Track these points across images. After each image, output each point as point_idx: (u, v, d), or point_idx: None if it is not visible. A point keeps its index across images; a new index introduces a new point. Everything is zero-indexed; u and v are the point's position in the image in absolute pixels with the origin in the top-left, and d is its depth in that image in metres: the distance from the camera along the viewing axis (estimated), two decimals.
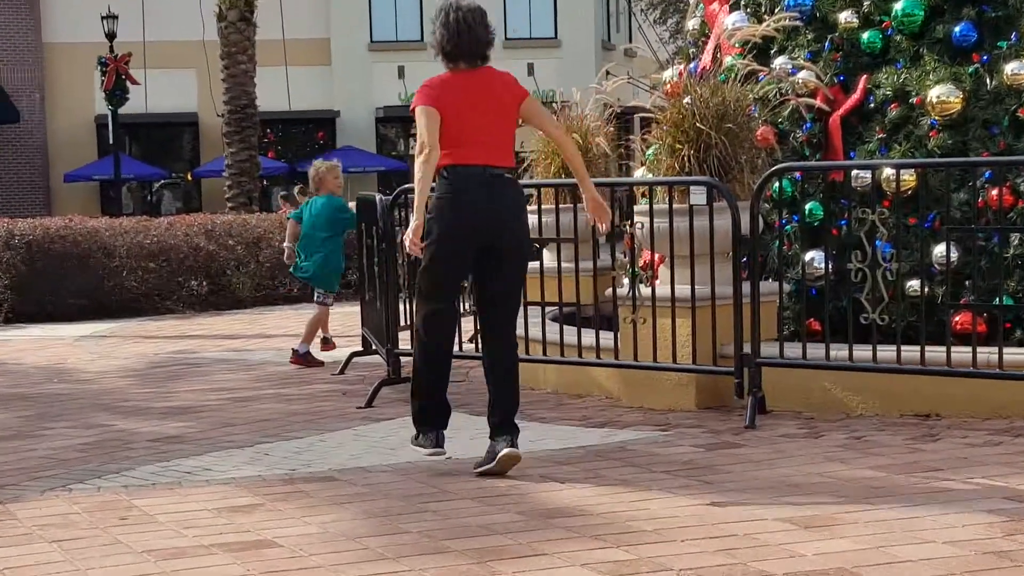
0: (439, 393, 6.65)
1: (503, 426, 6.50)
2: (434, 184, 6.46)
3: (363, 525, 5.57)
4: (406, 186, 9.58)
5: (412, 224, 6.48)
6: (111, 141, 34.29)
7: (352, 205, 11.34)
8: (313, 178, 11.66)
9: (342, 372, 10.55)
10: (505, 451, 6.41)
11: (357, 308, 11.20)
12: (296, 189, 23.65)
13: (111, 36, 34.17)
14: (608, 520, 5.47)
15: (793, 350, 7.80)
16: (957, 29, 8.58)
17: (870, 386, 7.71)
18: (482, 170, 6.40)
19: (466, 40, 6.45)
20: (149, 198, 40.67)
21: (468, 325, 9.39)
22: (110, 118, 34.05)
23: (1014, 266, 8.04)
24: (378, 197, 9.56)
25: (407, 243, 6.48)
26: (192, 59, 36.61)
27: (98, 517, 5.87)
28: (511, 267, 6.57)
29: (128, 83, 33.84)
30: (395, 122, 42.66)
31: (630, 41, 43.73)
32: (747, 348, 7.75)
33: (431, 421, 6.66)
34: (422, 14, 40.74)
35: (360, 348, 10.76)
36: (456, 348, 9.08)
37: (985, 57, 8.48)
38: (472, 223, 6.41)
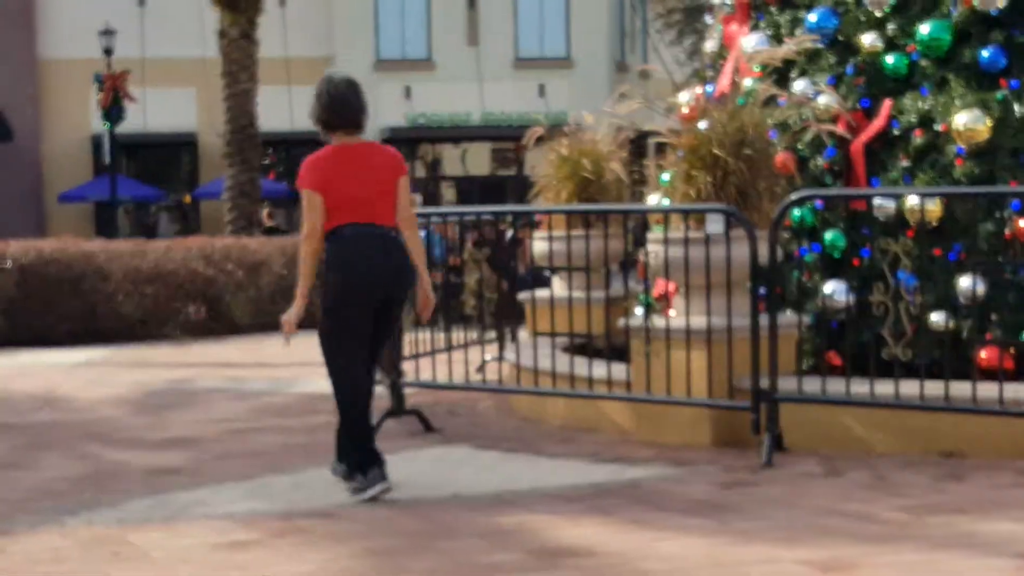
0: (370, 441, 6.93)
1: None
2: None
3: (364, 564, 5.48)
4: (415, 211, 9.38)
5: (296, 305, 7.09)
6: (107, 161, 34.13)
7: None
8: None
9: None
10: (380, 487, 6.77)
11: None
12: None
13: (108, 52, 34.03)
14: (619, 560, 5.38)
15: (812, 385, 7.62)
16: (985, 54, 8.43)
17: (892, 423, 7.55)
18: (370, 230, 6.96)
19: (339, 109, 7.13)
20: (146, 220, 40.55)
21: (475, 356, 9.23)
22: (107, 137, 33.92)
23: None
24: None
25: (284, 323, 7.09)
26: (192, 77, 36.58)
27: (90, 552, 5.79)
28: (390, 321, 7.12)
29: (125, 101, 33.73)
30: (402, 143, 42.46)
31: (645, 62, 43.73)
32: (764, 383, 7.58)
33: (369, 467, 6.84)
34: (430, 32, 40.75)
35: None
36: (463, 379, 8.94)
37: (1014, 83, 8.35)
38: (371, 277, 6.92)
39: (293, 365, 12.11)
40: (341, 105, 7.14)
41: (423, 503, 6.58)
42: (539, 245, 10.00)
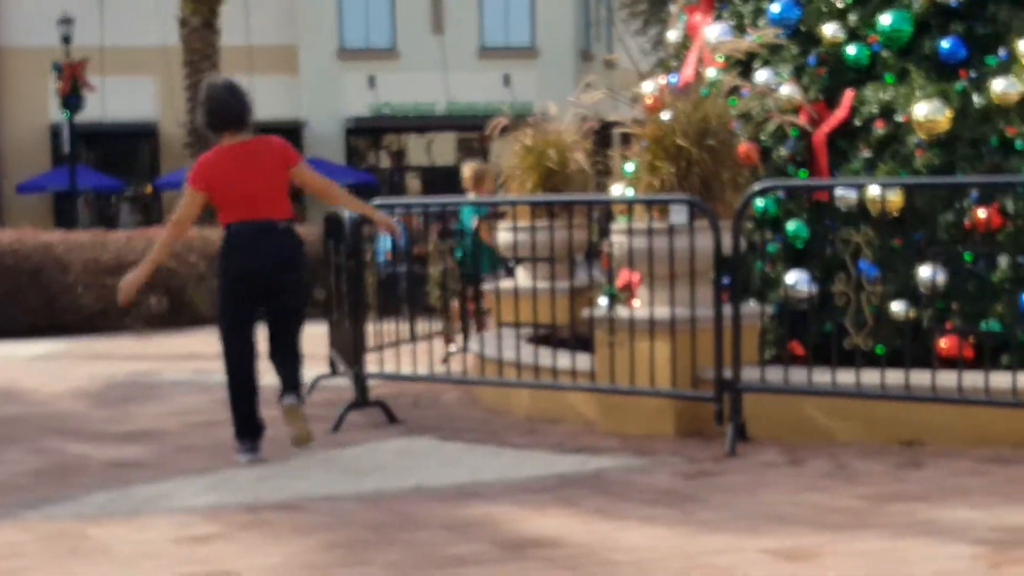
0: (250, 412, 7.70)
1: (288, 389, 7.68)
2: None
3: (328, 556, 5.44)
4: (377, 202, 9.35)
5: (138, 271, 7.73)
6: (66, 150, 33.86)
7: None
8: (472, 177, 11.57)
9: (308, 395, 10.30)
10: (287, 401, 7.63)
11: (324, 328, 10.97)
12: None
13: (67, 40, 33.74)
14: (584, 551, 5.37)
15: (775, 375, 7.65)
16: (945, 45, 8.45)
17: (854, 412, 7.57)
18: (256, 225, 7.57)
19: (219, 112, 7.70)
20: (107, 211, 40.20)
21: (439, 348, 9.21)
22: (66, 126, 33.64)
23: (1001, 289, 7.89)
24: (346, 214, 9.32)
25: (122, 292, 7.73)
26: (152, 66, 36.31)
27: (50, 547, 5.73)
28: (287, 300, 7.69)
29: (84, 90, 33.46)
30: (365, 133, 42.47)
31: (610, 51, 43.68)
32: (728, 373, 7.59)
33: (248, 435, 7.70)
34: (394, 21, 40.57)
35: (327, 370, 10.53)
36: (426, 371, 8.93)
37: (973, 74, 8.35)
38: (253, 270, 7.58)
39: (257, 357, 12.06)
40: (220, 108, 7.69)
41: (387, 495, 6.55)
42: (503, 235, 9.99)
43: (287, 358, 7.73)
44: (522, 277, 9.73)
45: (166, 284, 17.85)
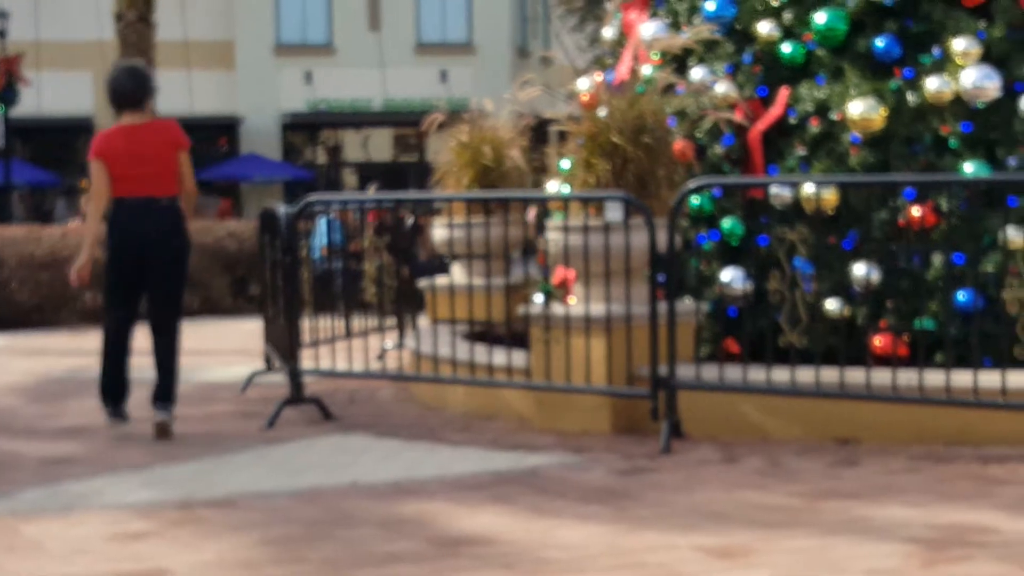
0: (115, 373, 8.33)
1: (161, 399, 8.22)
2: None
3: (262, 552, 5.42)
4: (313, 198, 9.31)
5: (84, 253, 8.34)
6: (0, 145, 33.54)
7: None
8: None
9: (243, 391, 10.27)
10: (159, 417, 8.16)
11: (260, 324, 10.92)
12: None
13: (2, 35, 33.42)
14: (518, 548, 5.37)
15: (710, 372, 7.67)
16: (879, 43, 8.49)
17: (789, 410, 7.61)
18: (139, 200, 8.17)
19: (117, 92, 8.36)
20: (42, 206, 39.82)
21: (375, 343, 9.18)
22: (0, 120, 33.33)
23: (935, 287, 7.94)
24: (281, 209, 9.27)
25: (72, 273, 8.35)
26: (88, 60, 36.01)
27: None
28: (167, 276, 8.28)
29: (19, 84, 33.14)
30: (302, 129, 42.32)
31: (547, 48, 43.71)
32: (663, 370, 7.60)
33: (110, 395, 8.33)
34: (331, 16, 40.47)
35: (263, 366, 10.47)
36: (362, 368, 8.91)
37: (908, 73, 8.40)
38: (130, 241, 8.19)
39: (192, 354, 11.95)
40: (119, 89, 8.34)
41: (322, 491, 6.53)
42: (439, 232, 9.97)
43: (165, 361, 8.29)
44: (458, 274, 9.71)
45: (100, 280, 17.66)
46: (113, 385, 8.35)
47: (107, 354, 8.33)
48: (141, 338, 8.39)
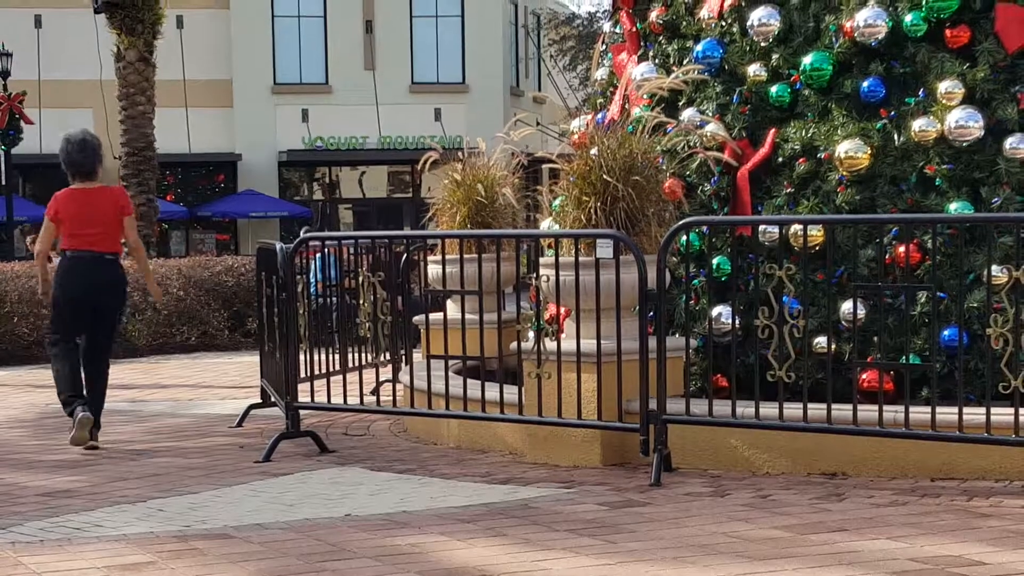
0: (70, 390, 9.43)
1: (89, 404, 9.36)
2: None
3: None
4: (308, 234, 9.43)
5: (41, 289, 9.84)
6: (3, 182, 33.62)
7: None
8: None
9: (240, 424, 10.33)
10: (81, 414, 9.22)
11: (257, 358, 10.99)
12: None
13: (5, 74, 33.53)
14: None
15: (699, 407, 7.74)
16: (865, 84, 8.61)
17: (777, 444, 7.67)
18: (84, 253, 9.48)
19: (69, 163, 9.68)
20: None
21: (369, 376, 9.26)
22: (2, 158, 33.38)
23: (920, 324, 8.04)
24: (278, 246, 9.38)
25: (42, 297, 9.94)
26: (89, 99, 36.17)
27: None
28: (105, 320, 9.61)
29: (22, 123, 33.27)
30: (299, 166, 42.43)
31: (540, 88, 43.90)
32: (653, 404, 7.66)
33: (72, 403, 9.38)
34: (327, 56, 40.65)
35: (259, 400, 10.54)
36: (358, 402, 8.98)
37: (893, 113, 8.52)
38: (75, 290, 9.46)
39: (191, 387, 12.06)
40: (70, 161, 9.66)
41: (317, 524, 6.57)
42: (433, 268, 10.06)
43: (97, 384, 9.58)
44: (451, 309, 9.80)
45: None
46: (73, 397, 9.38)
47: (61, 389, 9.45)
48: (138, 374, 8.46)
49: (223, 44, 40.20)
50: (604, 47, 10.50)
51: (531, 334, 8.27)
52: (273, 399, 9.96)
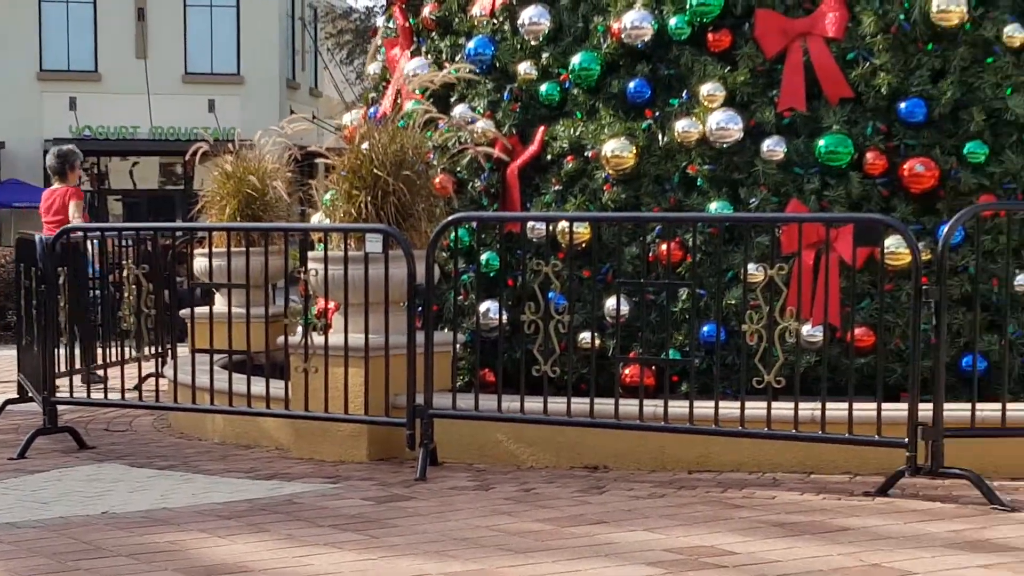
0: None
1: None
2: None
3: None
4: (69, 225, 9.20)
5: None
6: None
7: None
8: None
9: None
10: None
11: (15, 353, 10.66)
12: None
13: None
14: None
15: (466, 401, 7.77)
16: (631, 85, 8.76)
17: (541, 438, 7.74)
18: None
19: (50, 168, 13.11)
20: None
21: (132, 371, 9.08)
22: None
23: (681, 320, 8.20)
24: (38, 237, 9.12)
25: None
26: None
27: None
28: None
29: None
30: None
31: (316, 81, 43.62)
32: (420, 399, 7.67)
33: None
34: (96, 43, 39.73)
35: (16, 396, 10.22)
36: (119, 397, 8.80)
37: (658, 114, 8.68)
38: None
39: None
40: (49, 166, 13.06)
41: (72, 523, 6.41)
42: (200, 261, 9.91)
43: None
44: (218, 303, 9.67)
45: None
46: None
47: None
48: None
49: None
50: (379, 42, 10.49)
51: (299, 328, 8.21)
52: (31, 394, 9.69)
